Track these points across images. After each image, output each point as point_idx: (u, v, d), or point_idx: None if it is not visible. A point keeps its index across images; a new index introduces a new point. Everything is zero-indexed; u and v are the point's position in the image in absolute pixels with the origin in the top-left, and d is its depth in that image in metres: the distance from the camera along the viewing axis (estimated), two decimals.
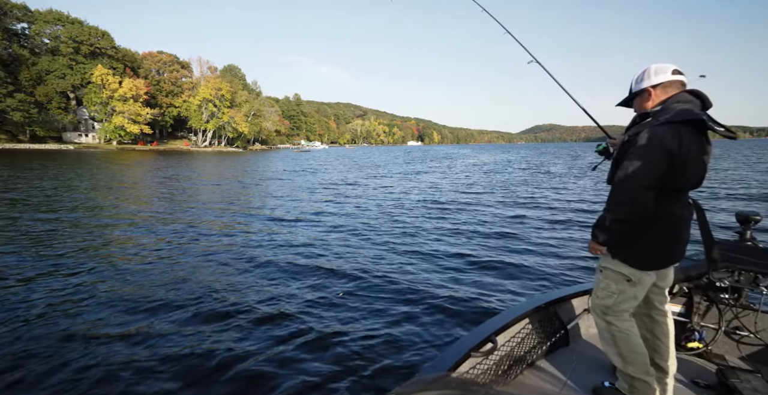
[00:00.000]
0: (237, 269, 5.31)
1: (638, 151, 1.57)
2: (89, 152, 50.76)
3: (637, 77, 1.76)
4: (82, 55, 62.79)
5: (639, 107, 1.77)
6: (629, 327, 1.74)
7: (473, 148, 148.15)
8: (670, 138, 1.53)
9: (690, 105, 1.60)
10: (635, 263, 1.69)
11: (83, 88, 63.01)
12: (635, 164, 1.56)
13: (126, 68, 69.34)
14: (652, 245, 1.67)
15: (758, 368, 2.12)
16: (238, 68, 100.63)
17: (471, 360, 1.74)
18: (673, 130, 1.54)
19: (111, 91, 62.09)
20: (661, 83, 1.68)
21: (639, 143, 1.57)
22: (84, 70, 62.25)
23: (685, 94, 1.65)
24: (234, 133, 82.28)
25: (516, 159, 42.67)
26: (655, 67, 1.71)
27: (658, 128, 1.56)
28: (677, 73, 1.67)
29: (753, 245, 2.26)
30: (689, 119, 1.55)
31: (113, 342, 3.32)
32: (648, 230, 1.65)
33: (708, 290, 2.33)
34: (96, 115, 64.83)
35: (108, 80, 61.47)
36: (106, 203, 10.98)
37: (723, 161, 30.19)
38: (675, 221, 1.67)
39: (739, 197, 11.97)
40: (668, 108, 1.61)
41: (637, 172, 1.55)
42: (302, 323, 3.69)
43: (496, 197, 12.95)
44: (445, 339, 3.44)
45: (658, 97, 1.69)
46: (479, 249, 6.37)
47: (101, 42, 64.85)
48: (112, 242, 6.73)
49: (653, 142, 1.54)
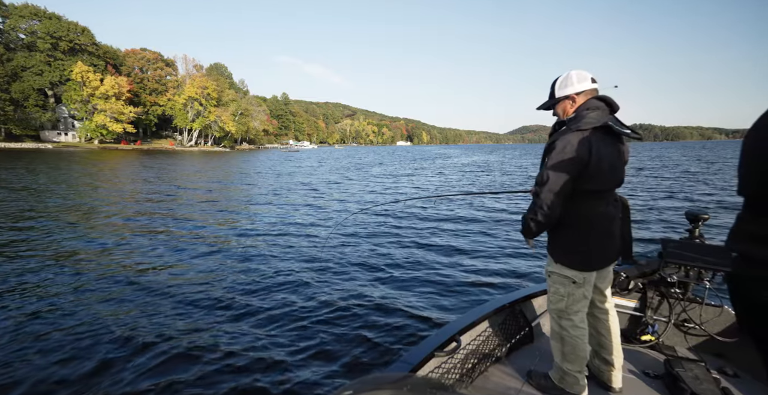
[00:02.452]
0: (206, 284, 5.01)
1: (551, 158, 1.67)
2: (69, 151, 49.11)
3: (561, 83, 1.79)
4: (61, 52, 60.77)
5: (562, 112, 1.82)
6: (580, 334, 1.82)
7: (461, 148, 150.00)
8: (579, 145, 1.62)
9: (599, 111, 1.70)
10: (576, 265, 1.77)
11: (62, 86, 60.94)
12: (549, 171, 1.66)
13: (108, 65, 67.46)
14: (588, 245, 1.76)
15: (702, 357, 2.27)
16: (224, 67, 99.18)
17: (435, 359, 1.76)
18: (582, 137, 1.64)
19: (92, 89, 60.29)
20: (583, 91, 1.75)
21: (554, 151, 1.67)
22: (63, 66, 60.27)
23: (594, 100, 1.74)
24: (221, 132, 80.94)
25: (495, 161, 42.96)
26: (576, 73, 1.77)
27: (570, 136, 1.65)
28: (594, 81, 1.76)
29: (699, 242, 2.36)
30: (598, 126, 1.64)
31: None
32: (581, 232, 1.75)
33: (660, 285, 2.46)
34: (76, 113, 62.85)
35: (89, 77, 59.62)
36: (82, 208, 10.47)
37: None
38: (604, 219, 1.77)
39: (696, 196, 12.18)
40: (579, 115, 1.71)
41: (548, 178, 1.65)
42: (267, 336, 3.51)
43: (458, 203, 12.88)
44: (409, 340, 3.48)
45: (578, 104, 1.76)
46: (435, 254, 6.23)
47: (81, 38, 62.88)
48: (78, 253, 6.34)
49: (567, 150, 1.64)
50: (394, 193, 14.83)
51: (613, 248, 1.83)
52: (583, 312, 1.85)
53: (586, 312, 1.88)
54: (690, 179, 18.10)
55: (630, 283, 2.49)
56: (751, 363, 2.19)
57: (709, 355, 2.35)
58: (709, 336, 2.35)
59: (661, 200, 11.87)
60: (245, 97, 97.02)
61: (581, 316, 1.85)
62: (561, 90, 1.79)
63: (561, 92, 1.78)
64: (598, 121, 1.65)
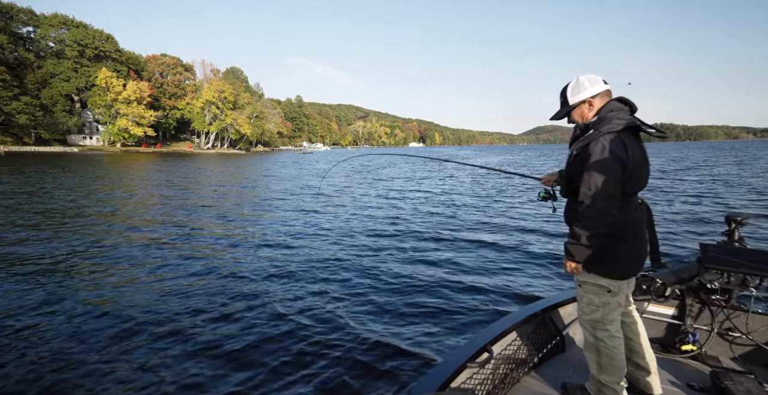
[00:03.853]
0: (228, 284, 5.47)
1: (595, 164, 1.59)
2: (93, 154, 51.15)
3: (573, 89, 1.77)
4: (87, 59, 63.42)
5: (581, 118, 1.79)
6: (617, 345, 1.75)
7: (473, 149, 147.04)
8: (616, 147, 1.58)
9: (622, 112, 1.67)
10: (611, 273, 1.72)
11: (87, 91, 63.64)
12: (595, 177, 1.58)
13: (130, 71, 69.95)
14: (623, 252, 1.70)
15: (750, 369, 2.13)
16: (240, 70, 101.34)
17: (467, 370, 1.72)
18: (617, 138, 1.60)
19: (115, 94, 62.66)
20: (599, 93, 1.73)
21: (593, 156, 1.60)
22: (88, 73, 62.92)
23: (615, 102, 1.72)
24: (237, 135, 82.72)
25: (506, 162, 42.60)
26: (585, 78, 1.75)
27: (603, 138, 1.60)
28: (605, 82, 1.76)
29: (741, 246, 2.29)
30: (628, 126, 1.62)
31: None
32: (615, 239, 1.68)
33: (699, 292, 2.34)
34: (100, 117, 65.50)
35: (112, 83, 62.08)
36: (106, 210, 11.25)
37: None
38: (636, 224, 1.72)
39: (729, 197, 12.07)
40: (606, 117, 1.66)
41: (600, 185, 1.57)
42: (300, 330, 3.76)
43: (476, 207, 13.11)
44: (442, 348, 3.41)
45: (597, 107, 1.73)
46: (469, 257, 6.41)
47: (105, 45, 65.51)
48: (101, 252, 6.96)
49: (606, 153, 1.57)
50: (403, 197, 15.20)
51: (644, 254, 1.79)
52: (618, 321, 1.79)
53: (620, 320, 1.82)
54: (715, 181, 17.36)
55: (667, 290, 2.38)
56: None
57: (759, 367, 2.19)
58: (757, 346, 2.21)
59: (683, 204, 11.44)
60: (260, 100, 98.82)
61: (616, 325, 1.78)
62: (575, 96, 1.76)
63: (575, 98, 1.76)
64: (627, 122, 1.62)
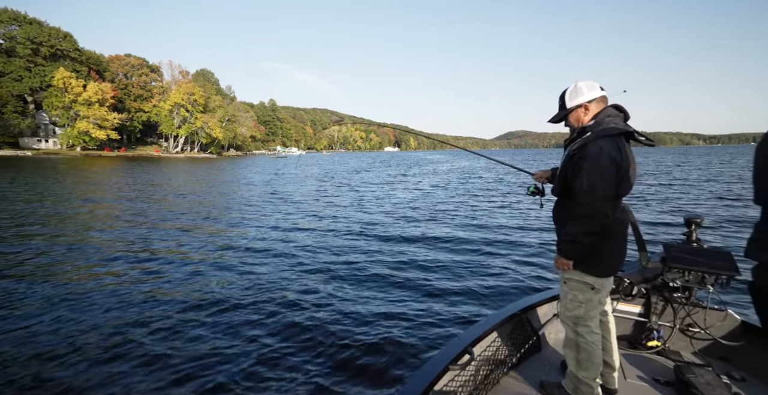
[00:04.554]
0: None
1: (592, 164, 1.64)
2: (49, 158, 47.75)
3: (571, 94, 1.84)
4: (42, 57, 59.35)
5: (577, 121, 1.85)
6: (596, 340, 1.83)
7: (447, 153, 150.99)
8: (613, 150, 1.65)
9: (617, 118, 1.75)
10: (596, 271, 1.79)
11: (43, 92, 59.43)
12: (592, 178, 1.64)
13: (91, 71, 66.13)
14: (608, 251, 1.78)
15: (709, 362, 2.26)
16: (211, 73, 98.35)
17: (449, 373, 1.76)
18: (613, 142, 1.67)
19: (74, 95, 58.91)
20: (595, 99, 1.80)
21: (590, 157, 1.65)
22: (44, 72, 58.81)
23: (611, 108, 1.79)
24: (207, 138, 79.96)
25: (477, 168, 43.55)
26: (583, 83, 1.82)
27: (600, 141, 1.66)
28: (601, 89, 1.82)
29: (698, 246, 2.40)
30: (623, 132, 1.69)
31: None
32: (602, 238, 1.73)
33: (663, 290, 2.45)
34: (57, 119, 61.24)
35: (71, 84, 58.33)
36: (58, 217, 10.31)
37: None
38: (621, 225, 1.79)
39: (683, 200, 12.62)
40: (603, 122, 1.73)
41: (596, 185, 1.63)
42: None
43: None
44: (417, 349, 3.48)
45: (593, 112, 1.80)
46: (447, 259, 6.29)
47: (63, 44, 61.58)
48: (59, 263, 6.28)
49: (603, 154, 1.63)
50: (377, 204, 14.96)
51: (624, 254, 1.87)
52: (597, 318, 1.88)
53: (599, 318, 1.90)
54: (668, 184, 18.54)
55: (634, 289, 2.47)
56: (758, 366, 2.18)
57: (715, 359, 2.32)
58: (714, 340, 2.33)
59: (646, 206, 12.08)
60: (232, 103, 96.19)
61: (596, 322, 1.87)
62: (572, 100, 1.83)
63: (573, 102, 1.83)
64: (624, 127, 1.70)
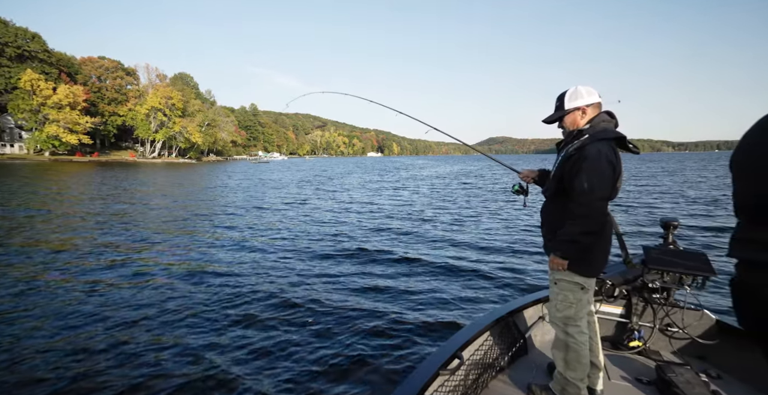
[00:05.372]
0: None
1: (591, 165, 1.68)
2: (14, 163, 45.36)
3: (570, 96, 1.88)
4: (7, 58, 56.58)
5: (573, 123, 1.89)
6: (585, 340, 1.87)
7: (430, 159, 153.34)
8: (610, 153, 1.71)
9: (611, 124, 1.82)
10: (585, 271, 1.84)
11: (8, 94, 56.62)
12: (591, 179, 1.67)
13: (61, 74, 63.48)
14: (596, 252, 1.83)
15: (687, 361, 2.35)
16: (190, 77, 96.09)
17: (440, 378, 1.77)
18: (609, 145, 1.73)
19: (43, 98, 56.30)
20: (592, 104, 1.85)
21: (589, 159, 1.69)
22: (9, 74, 56.08)
23: (605, 114, 1.86)
24: (186, 143, 77.89)
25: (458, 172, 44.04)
26: (583, 88, 1.87)
27: (598, 144, 1.71)
28: (599, 95, 1.88)
29: (675, 248, 2.47)
30: (617, 137, 1.75)
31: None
32: (594, 239, 1.78)
33: (643, 291, 2.51)
34: (24, 123, 58.34)
35: (39, 86, 55.76)
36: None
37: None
38: (608, 227, 1.85)
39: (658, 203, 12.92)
40: (598, 126, 1.79)
41: (595, 185, 1.67)
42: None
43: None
44: (407, 351, 3.47)
45: (589, 116, 1.85)
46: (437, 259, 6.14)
47: (31, 44, 58.99)
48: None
49: (602, 156, 1.68)
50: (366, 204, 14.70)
51: (609, 254, 1.91)
52: (586, 318, 1.91)
53: (587, 318, 1.94)
54: (647, 189, 19.12)
55: (615, 290, 2.51)
56: (732, 363, 2.25)
57: (693, 358, 2.40)
58: (691, 339, 2.40)
59: (623, 212, 12.34)
60: (212, 107, 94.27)
61: (585, 322, 1.90)
62: (571, 102, 1.86)
63: (572, 104, 1.86)
64: (618, 132, 1.77)
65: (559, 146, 1.99)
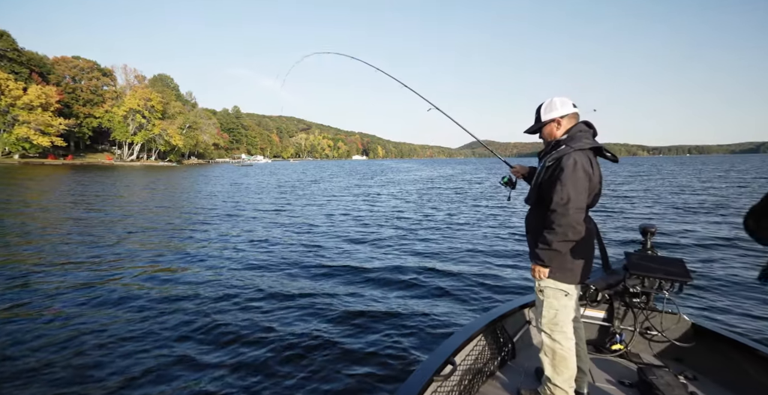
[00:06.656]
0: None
1: (567, 176, 1.72)
2: None
3: (546, 108, 1.93)
4: None
5: (549, 134, 1.95)
6: (572, 346, 1.91)
7: (414, 162, 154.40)
8: (586, 163, 1.76)
9: (588, 134, 1.86)
10: (568, 278, 1.87)
11: None
12: (568, 188, 1.72)
13: (32, 73, 61.11)
14: (579, 259, 1.86)
15: (666, 363, 2.40)
16: (170, 78, 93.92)
17: (434, 384, 1.79)
18: (585, 156, 1.77)
19: (12, 99, 53.96)
20: (567, 114, 1.89)
21: (566, 169, 1.73)
22: None
23: (582, 124, 1.91)
24: (166, 146, 75.96)
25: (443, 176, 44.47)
26: (558, 99, 1.92)
27: (574, 154, 1.75)
28: (574, 106, 1.91)
29: (653, 254, 2.54)
30: (593, 147, 1.81)
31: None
32: (575, 247, 1.83)
33: (624, 295, 2.58)
34: None
35: (8, 86, 53.42)
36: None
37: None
38: (590, 234, 1.89)
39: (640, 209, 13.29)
40: (575, 136, 1.83)
41: (571, 195, 1.71)
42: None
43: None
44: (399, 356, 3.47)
45: (564, 127, 1.91)
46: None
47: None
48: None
49: (578, 167, 1.73)
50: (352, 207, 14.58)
51: (592, 261, 1.96)
52: (571, 324, 1.96)
53: (572, 324, 1.98)
54: (626, 195, 19.62)
55: (599, 295, 2.59)
56: (707, 365, 2.33)
57: (671, 360, 2.46)
58: (669, 342, 2.47)
59: (600, 219, 12.56)
60: (194, 109, 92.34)
61: (571, 328, 1.94)
62: (547, 114, 1.93)
63: (547, 116, 1.93)
64: (593, 143, 1.81)
65: (539, 155, 2.04)
